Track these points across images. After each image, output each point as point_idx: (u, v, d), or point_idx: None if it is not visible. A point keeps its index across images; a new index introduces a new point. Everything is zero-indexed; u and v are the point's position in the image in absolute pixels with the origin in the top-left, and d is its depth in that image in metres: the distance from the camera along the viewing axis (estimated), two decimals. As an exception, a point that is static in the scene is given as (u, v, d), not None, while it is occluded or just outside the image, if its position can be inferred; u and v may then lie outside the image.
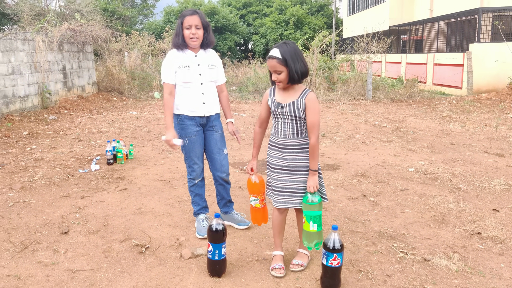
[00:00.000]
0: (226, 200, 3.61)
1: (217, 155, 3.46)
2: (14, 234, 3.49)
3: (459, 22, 15.92)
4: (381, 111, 10.40)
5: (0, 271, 2.88)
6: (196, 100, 3.29)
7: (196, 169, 3.42)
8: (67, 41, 12.38)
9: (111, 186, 4.76)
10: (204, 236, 3.32)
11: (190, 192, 3.53)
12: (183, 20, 3.18)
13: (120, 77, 14.67)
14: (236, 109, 11.02)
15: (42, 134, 7.79)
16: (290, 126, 2.73)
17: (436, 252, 3.06)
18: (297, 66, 2.60)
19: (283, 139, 2.76)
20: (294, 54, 2.61)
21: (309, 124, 2.68)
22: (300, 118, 2.69)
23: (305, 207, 2.66)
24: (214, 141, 3.44)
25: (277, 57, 2.59)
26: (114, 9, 28.64)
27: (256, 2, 36.13)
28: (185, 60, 3.25)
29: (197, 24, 3.18)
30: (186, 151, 3.39)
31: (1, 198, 4.38)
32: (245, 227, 3.54)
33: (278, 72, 2.63)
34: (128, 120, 9.41)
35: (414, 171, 5.17)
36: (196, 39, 3.20)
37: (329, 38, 14.09)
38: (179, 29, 3.20)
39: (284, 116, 2.73)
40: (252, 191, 2.91)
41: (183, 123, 3.32)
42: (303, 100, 2.66)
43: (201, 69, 3.28)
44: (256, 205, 2.92)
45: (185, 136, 3.32)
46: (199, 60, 3.29)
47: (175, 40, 3.26)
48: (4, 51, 9.34)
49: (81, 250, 3.19)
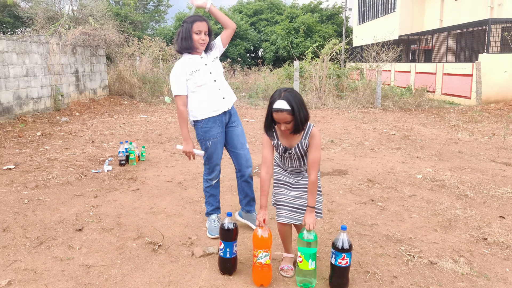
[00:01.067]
0: (250, 197, 3.60)
1: (241, 151, 3.52)
2: (30, 230, 3.59)
3: (468, 32, 15.95)
4: (389, 119, 10.45)
5: (17, 265, 2.97)
6: (216, 97, 3.35)
7: (217, 169, 3.50)
8: (80, 45, 12.59)
9: (123, 186, 4.86)
10: (215, 236, 3.39)
11: (205, 192, 3.58)
12: (193, 25, 3.24)
13: (131, 81, 14.86)
14: (246, 115, 11.12)
15: (55, 135, 7.93)
16: (297, 161, 2.85)
17: (442, 256, 3.11)
18: (302, 114, 2.60)
19: (289, 168, 2.90)
20: (299, 102, 2.60)
21: (310, 161, 2.72)
22: (304, 156, 2.81)
23: (301, 243, 2.61)
24: (236, 137, 3.51)
25: (287, 109, 2.57)
26: (127, 14, 29.01)
27: (267, 9, 36.43)
28: (194, 65, 3.31)
29: (206, 30, 3.28)
30: (209, 154, 3.44)
31: (16, 195, 4.50)
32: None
33: (288, 122, 2.62)
34: (139, 123, 9.54)
35: (421, 178, 5.23)
36: (204, 44, 3.31)
37: (339, 47, 14.19)
38: (188, 33, 3.26)
39: (291, 158, 2.84)
40: (262, 245, 2.64)
41: (206, 126, 3.35)
42: (306, 141, 2.74)
43: (209, 67, 3.36)
44: (266, 262, 2.65)
45: (209, 139, 3.37)
46: (205, 60, 3.38)
47: (183, 43, 3.29)
48: (19, 53, 9.53)
49: (95, 246, 3.28)
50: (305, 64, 14.07)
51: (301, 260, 2.62)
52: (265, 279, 2.67)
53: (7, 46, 9.09)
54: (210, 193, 3.55)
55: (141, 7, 37.49)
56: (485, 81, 13.46)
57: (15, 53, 9.38)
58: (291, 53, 26.41)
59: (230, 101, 3.47)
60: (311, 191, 2.71)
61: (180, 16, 33.25)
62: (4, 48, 9.00)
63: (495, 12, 15.58)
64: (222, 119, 3.41)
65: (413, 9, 21.39)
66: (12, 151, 6.58)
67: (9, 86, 9.13)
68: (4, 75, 8.98)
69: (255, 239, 2.65)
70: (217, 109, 3.36)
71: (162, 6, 39.58)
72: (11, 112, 9.19)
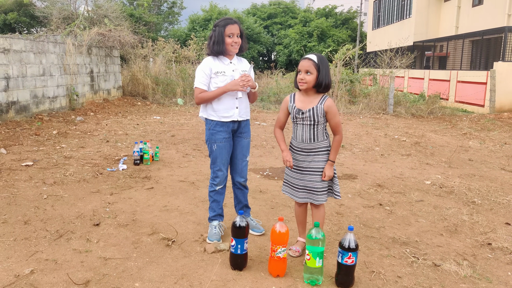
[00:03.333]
0: (243, 204, 3.70)
1: (239, 161, 3.56)
2: (50, 223, 3.75)
3: (484, 40, 15.91)
4: (401, 126, 10.51)
5: (39, 255, 3.13)
6: (230, 104, 3.39)
7: (220, 175, 3.47)
8: (95, 45, 12.84)
9: (138, 185, 5.01)
10: (214, 242, 3.39)
11: (209, 197, 3.58)
12: (226, 28, 3.28)
13: (145, 82, 15.08)
14: (258, 118, 11.25)
15: (71, 134, 8.13)
16: (307, 131, 3.04)
17: (446, 259, 3.20)
18: (325, 75, 2.94)
19: (301, 143, 3.08)
20: (326, 65, 2.96)
21: (333, 126, 3.04)
22: (318, 123, 3.01)
23: (310, 242, 2.74)
24: (240, 147, 3.54)
25: (313, 60, 2.93)
26: (141, 15, 29.34)
27: (281, 13, 36.56)
28: (220, 67, 3.37)
29: (238, 33, 3.34)
30: (213, 157, 3.45)
31: (35, 191, 4.67)
32: (259, 234, 3.61)
33: (309, 72, 2.93)
34: (153, 124, 9.72)
35: (430, 184, 5.30)
36: (237, 46, 3.37)
37: (352, 52, 14.26)
38: (221, 36, 3.29)
39: (303, 122, 3.03)
40: (280, 241, 2.81)
41: (214, 129, 3.40)
42: (322, 106, 2.99)
43: (235, 75, 3.39)
44: (284, 255, 2.84)
45: (214, 142, 3.41)
46: (234, 66, 3.42)
47: (215, 47, 3.32)
48: (37, 53, 9.77)
49: (112, 240, 3.43)
50: (318, 69, 14.13)
51: (309, 258, 2.73)
52: (281, 270, 2.89)
53: (25, 45, 9.34)
54: (214, 198, 3.54)
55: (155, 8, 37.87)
56: (500, 89, 13.42)
57: (33, 52, 9.62)
58: (304, 57, 26.42)
59: (243, 115, 3.47)
60: (334, 148, 3.06)
61: (194, 18, 33.52)
62: (22, 48, 9.25)
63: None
64: (230, 126, 3.42)
65: (429, 15, 21.34)
66: (30, 148, 6.78)
67: (26, 85, 9.37)
68: (22, 74, 9.22)
69: (274, 235, 2.81)
70: (228, 116, 3.39)
71: (176, 8, 39.92)
72: (28, 111, 9.44)
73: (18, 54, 9.11)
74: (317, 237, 2.71)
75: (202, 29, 31.75)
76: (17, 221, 3.77)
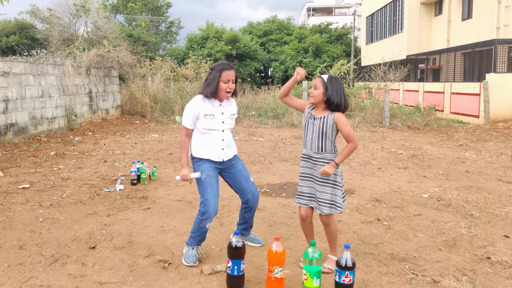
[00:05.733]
0: (248, 225, 3.69)
1: (245, 184, 3.53)
2: (45, 248, 3.72)
3: (475, 52, 16.07)
4: (398, 138, 10.53)
5: (33, 282, 3.10)
6: (216, 146, 3.41)
7: (210, 209, 3.31)
8: (94, 66, 12.92)
9: (135, 205, 4.99)
10: (190, 264, 3.34)
11: (195, 230, 3.41)
12: (222, 74, 3.30)
13: (143, 101, 15.15)
14: (255, 134, 11.27)
15: (68, 155, 8.13)
16: (316, 140, 3.20)
17: (445, 274, 3.18)
18: (335, 94, 3.12)
19: (309, 151, 3.25)
20: (337, 85, 3.15)
21: (345, 135, 3.15)
22: (326, 135, 3.16)
23: (306, 262, 2.73)
24: (239, 172, 3.54)
25: (322, 78, 3.17)
26: (139, 36, 29.58)
27: (276, 30, 36.89)
28: (210, 109, 3.38)
29: (233, 79, 3.37)
30: (202, 187, 3.37)
31: (32, 214, 4.64)
32: (259, 245, 3.72)
33: (316, 87, 3.15)
34: (151, 143, 9.73)
35: (428, 197, 5.29)
36: (230, 92, 3.39)
37: (347, 66, 14.37)
38: (216, 80, 3.32)
39: (313, 129, 3.17)
40: (277, 261, 2.78)
41: (200, 161, 3.42)
42: (332, 116, 3.15)
43: (224, 117, 3.43)
44: (281, 276, 2.80)
45: (202, 171, 3.39)
46: (223, 109, 3.44)
47: (208, 89, 3.34)
48: (36, 75, 9.83)
49: (108, 264, 3.40)
50: (314, 84, 14.22)
51: (306, 278, 2.71)
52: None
53: (24, 68, 9.39)
54: (199, 233, 3.40)
55: (153, 28, 38.21)
56: (493, 100, 13.51)
57: (32, 75, 9.67)
58: (300, 73, 26.57)
59: (228, 154, 3.50)
60: (344, 152, 3.14)
61: (192, 37, 33.79)
62: (22, 71, 9.30)
63: (501, 33, 15.73)
64: (216, 164, 3.45)
65: (420, 29, 21.62)
66: (27, 170, 6.77)
67: (25, 106, 9.40)
68: (21, 96, 9.26)
69: (270, 256, 2.78)
70: (212, 157, 3.41)
71: (174, 27, 40.29)
72: (26, 132, 9.44)
73: (18, 77, 9.15)
74: (314, 257, 2.69)
75: (200, 47, 31.98)
76: (12, 246, 3.74)
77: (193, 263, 3.34)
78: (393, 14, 23.90)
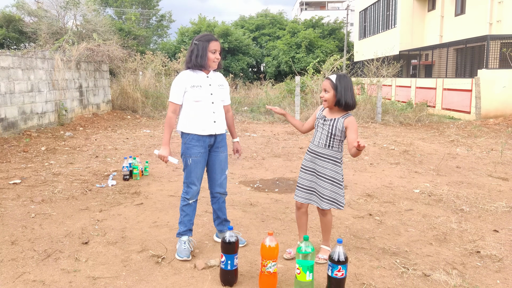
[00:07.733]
0: (221, 219, 3.71)
1: (218, 175, 3.58)
2: (38, 243, 3.71)
3: (468, 48, 16.17)
4: (390, 134, 10.59)
5: (26, 277, 3.09)
6: (207, 118, 3.42)
7: (194, 189, 3.47)
8: (84, 60, 12.82)
9: (127, 201, 4.98)
10: (183, 258, 3.36)
11: (180, 211, 3.54)
12: (209, 44, 3.35)
13: (134, 95, 15.05)
14: (248, 129, 11.27)
15: (59, 150, 8.08)
16: (325, 138, 3.28)
17: (436, 268, 3.22)
18: (344, 94, 3.15)
19: (317, 146, 3.32)
20: (346, 85, 3.17)
21: (350, 141, 3.16)
22: (335, 136, 3.23)
23: (299, 256, 2.75)
24: (218, 162, 3.56)
25: (331, 79, 3.19)
26: (130, 29, 29.36)
27: (269, 25, 36.84)
28: (197, 80, 3.41)
29: (220, 50, 3.43)
30: (187, 171, 3.45)
31: (23, 209, 4.62)
32: (241, 245, 3.63)
33: (326, 91, 3.19)
34: (142, 138, 9.70)
35: (419, 193, 5.34)
36: (217, 62, 3.44)
37: (340, 62, 14.39)
38: (205, 51, 3.36)
39: (323, 128, 3.28)
40: (270, 256, 2.80)
41: (190, 143, 3.42)
42: (343, 120, 3.20)
43: (212, 89, 3.45)
44: (275, 270, 2.82)
45: (190, 156, 3.41)
46: (210, 81, 3.46)
47: (198, 60, 3.35)
48: (25, 69, 9.73)
49: (101, 259, 3.40)
50: (307, 79, 14.26)
51: (299, 272, 2.73)
52: (272, 285, 2.85)
53: (12, 62, 9.29)
54: (186, 212, 3.50)
55: (144, 22, 37.98)
56: (485, 96, 13.62)
57: (21, 69, 9.58)
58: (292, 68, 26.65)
59: (220, 128, 3.50)
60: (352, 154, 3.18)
61: (183, 30, 33.63)
62: (10, 64, 9.21)
63: (494, 28, 15.82)
64: (207, 140, 3.45)
65: (413, 25, 21.68)
66: (17, 165, 6.72)
67: (14, 101, 9.31)
68: (10, 91, 9.17)
69: (263, 250, 2.80)
70: (204, 128, 3.41)
71: (164, 21, 40.08)
72: (16, 127, 9.36)
73: (6, 71, 9.06)
74: (307, 251, 2.71)
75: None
76: (4, 242, 3.73)
77: (187, 257, 3.35)
78: (386, 9, 23.94)
